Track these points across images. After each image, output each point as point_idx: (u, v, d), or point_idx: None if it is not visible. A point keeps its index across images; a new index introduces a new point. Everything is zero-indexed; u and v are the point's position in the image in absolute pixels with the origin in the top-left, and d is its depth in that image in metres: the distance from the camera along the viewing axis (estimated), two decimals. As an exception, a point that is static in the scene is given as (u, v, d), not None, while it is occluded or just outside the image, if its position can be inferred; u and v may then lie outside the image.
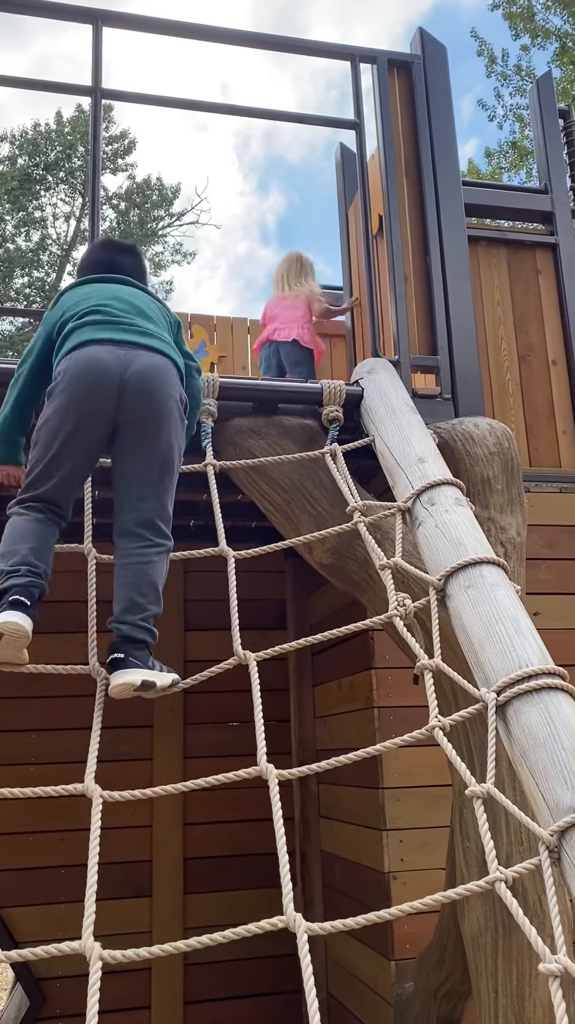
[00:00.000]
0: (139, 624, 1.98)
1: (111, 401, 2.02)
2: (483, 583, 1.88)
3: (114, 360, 2.04)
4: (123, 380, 2.02)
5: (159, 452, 2.06)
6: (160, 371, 2.09)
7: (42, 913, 4.01)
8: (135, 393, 2.03)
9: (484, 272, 3.80)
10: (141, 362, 2.06)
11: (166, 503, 2.09)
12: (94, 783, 1.63)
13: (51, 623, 4.09)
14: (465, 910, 2.36)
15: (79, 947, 1.28)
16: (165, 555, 2.07)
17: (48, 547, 2.02)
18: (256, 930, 1.34)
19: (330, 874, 4.03)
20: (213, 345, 5.16)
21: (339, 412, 2.69)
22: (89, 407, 2.02)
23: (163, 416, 2.06)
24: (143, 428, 2.05)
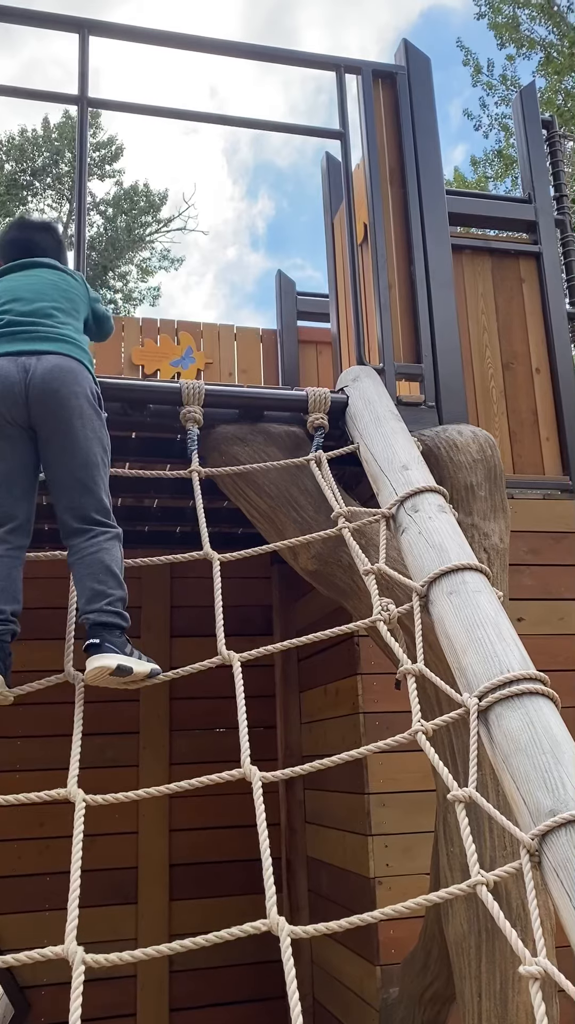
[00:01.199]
0: (105, 609, 2.01)
1: (20, 409, 2.07)
2: (465, 589, 1.90)
3: (16, 369, 2.09)
4: (26, 386, 2.08)
5: (79, 449, 2.10)
6: (62, 371, 2.12)
7: (27, 920, 4.00)
8: (40, 397, 2.08)
9: (468, 280, 3.83)
10: (42, 366, 2.11)
11: (100, 495, 2.13)
12: (77, 787, 1.64)
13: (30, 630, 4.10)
14: (449, 914, 2.37)
15: (62, 951, 1.29)
16: (115, 540, 2.11)
17: (12, 581, 2.04)
18: (239, 933, 1.34)
19: (316, 880, 4.03)
20: (200, 352, 5.18)
21: (324, 419, 2.71)
22: (3, 421, 2.08)
23: (72, 414, 2.10)
24: (56, 430, 2.10)
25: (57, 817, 3.92)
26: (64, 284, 2.36)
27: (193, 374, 5.10)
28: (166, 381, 4.19)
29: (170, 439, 2.84)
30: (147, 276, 24.76)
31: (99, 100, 3.02)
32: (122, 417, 2.62)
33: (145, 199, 24.25)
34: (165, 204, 24.60)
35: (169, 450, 2.88)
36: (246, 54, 3.20)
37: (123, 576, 2.09)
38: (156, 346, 5.13)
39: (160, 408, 2.67)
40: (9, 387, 2.07)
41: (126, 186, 24.22)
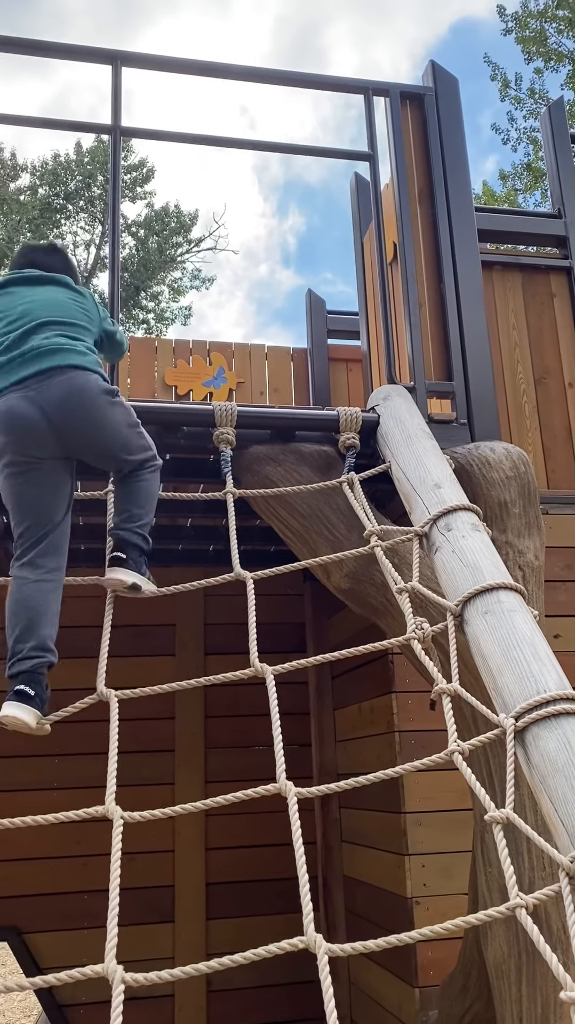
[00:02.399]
0: (135, 531, 2.24)
1: (48, 442, 2.15)
2: (500, 608, 1.89)
3: (33, 408, 2.13)
4: (49, 422, 2.13)
5: (113, 442, 2.25)
6: (76, 389, 2.17)
7: (66, 939, 4.02)
8: (66, 426, 2.16)
9: (499, 296, 3.83)
10: (54, 394, 2.15)
11: (138, 451, 2.29)
12: (114, 804, 1.65)
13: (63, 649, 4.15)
14: (488, 936, 2.35)
15: (101, 970, 1.29)
16: (155, 473, 2.33)
17: (50, 609, 2.11)
18: (277, 950, 1.34)
19: (352, 899, 4.01)
20: (231, 371, 5.22)
21: (355, 439, 2.72)
22: (32, 458, 2.15)
23: (100, 421, 2.21)
24: (90, 441, 2.23)
25: (94, 835, 3.94)
26: (72, 301, 2.37)
27: (225, 393, 5.15)
28: (199, 404, 4.23)
29: (203, 459, 2.87)
30: (178, 296, 25.02)
31: (132, 129, 3.08)
32: (157, 439, 2.65)
33: (176, 220, 24.55)
34: (196, 224, 24.89)
35: (202, 470, 2.91)
36: (277, 80, 3.25)
37: (155, 502, 2.32)
38: (188, 367, 5.19)
39: (194, 430, 2.70)
40: (33, 428, 2.12)
41: (157, 207, 24.55)
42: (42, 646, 2.06)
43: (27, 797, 4.08)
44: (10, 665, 2.04)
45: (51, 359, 2.17)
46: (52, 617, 2.11)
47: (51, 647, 2.08)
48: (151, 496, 2.31)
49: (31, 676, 2.02)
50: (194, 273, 25.03)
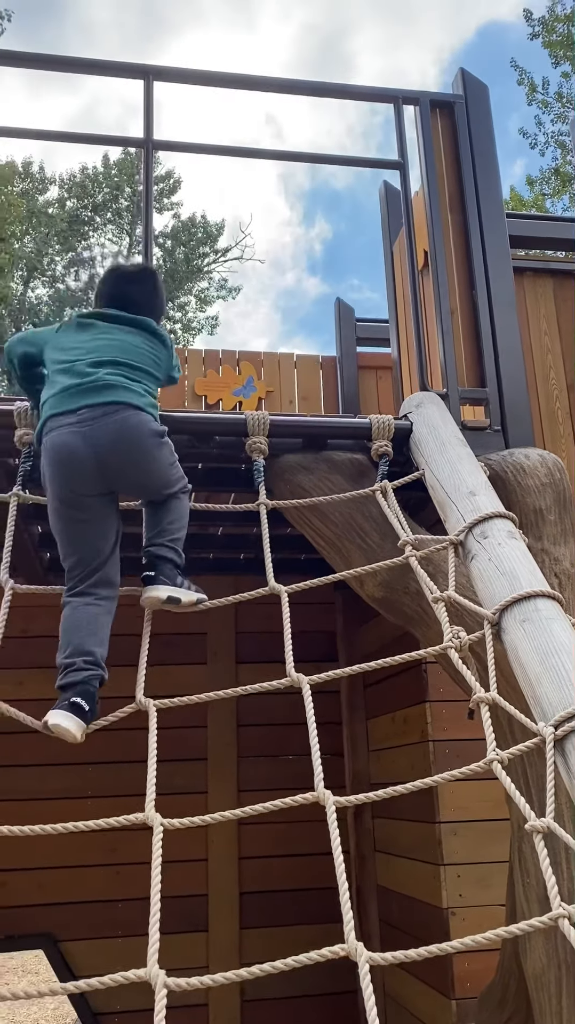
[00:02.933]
0: (168, 545, 2.26)
1: (94, 480, 2.18)
2: (538, 616, 1.88)
3: (82, 445, 2.15)
4: (97, 459, 2.16)
5: (156, 481, 2.29)
6: (128, 429, 2.19)
7: (100, 947, 4.04)
8: (113, 466, 2.19)
9: (530, 302, 3.81)
10: (105, 432, 2.16)
11: (175, 481, 2.33)
12: (154, 812, 1.64)
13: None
14: (527, 947, 2.32)
15: (144, 975, 1.29)
16: (186, 494, 2.37)
17: (101, 630, 2.13)
18: (318, 958, 1.33)
19: (387, 909, 3.98)
20: (260, 381, 5.24)
21: (388, 446, 2.72)
22: (76, 494, 2.18)
23: (147, 464, 2.25)
24: (135, 481, 2.28)
25: (128, 843, 3.96)
26: (147, 348, 2.38)
27: (254, 402, 5.17)
28: (231, 413, 4.25)
29: (235, 468, 2.88)
30: (205, 306, 25.18)
31: (164, 142, 3.11)
32: (189, 449, 2.67)
33: (203, 230, 24.73)
34: (222, 234, 25.05)
35: (234, 479, 2.92)
36: (306, 91, 3.27)
37: (187, 521, 2.35)
38: (218, 376, 5.22)
39: (226, 439, 2.71)
40: (79, 464, 2.15)
41: (184, 218, 24.74)
42: (95, 661, 2.06)
43: (60, 805, 4.10)
44: (61, 676, 2.05)
45: (109, 394, 2.20)
46: (103, 638, 2.12)
47: (102, 664, 2.08)
48: (182, 514, 2.33)
49: (85, 689, 2.01)
50: (220, 283, 25.19)
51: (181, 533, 2.31)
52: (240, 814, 1.70)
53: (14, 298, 22.22)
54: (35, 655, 4.27)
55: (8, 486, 2.57)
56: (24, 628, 4.23)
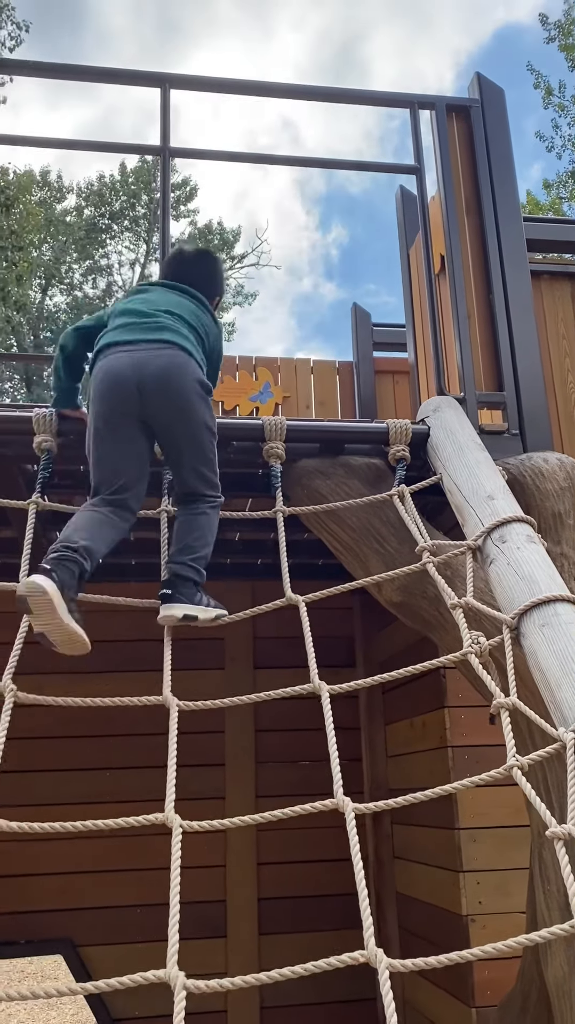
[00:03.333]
0: (188, 564, 2.27)
1: (133, 404, 2.26)
2: (558, 621, 1.87)
3: (129, 367, 2.26)
4: (140, 384, 2.25)
5: (190, 436, 2.32)
6: (176, 366, 2.29)
7: (119, 952, 4.04)
8: (154, 395, 2.26)
9: (548, 306, 3.79)
10: (156, 364, 2.27)
11: (207, 472, 2.36)
12: (174, 813, 1.64)
13: (123, 662, 4.19)
14: (548, 955, 2.30)
15: (163, 976, 1.29)
16: (216, 508, 2.39)
17: (100, 534, 2.15)
18: (337, 963, 1.33)
19: (406, 916, 3.96)
20: (277, 386, 5.25)
21: (406, 451, 2.71)
22: (115, 413, 2.26)
23: (185, 407, 2.29)
24: (170, 422, 2.30)
25: (147, 848, 3.97)
26: (199, 312, 2.50)
27: (271, 408, 5.18)
28: (248, 418, 4.26)
29: (252, 473, 2.88)
30: (222, 312, 25.25)
31: (180, 150, 3.13)
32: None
33: (219, 237, 24.81)
34: (238, 241, 25.13)
35: (251, 484, 2.92)
36: (322, 97, 3.27)
37: (213, 537, 2.35)
38: (235, 382, 5.23)
39: (243, 444, 2.72)
40: (123, 383, 2.25)
41: (200, 225, 24.84)
42: (75, 548, 2.04)
43: (80, 810, 4.11)
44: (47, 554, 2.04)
45: (166, 334, 2.33)
46: (98, 537, 2.13)
47: (84, 554, 2.05)
48: (209, 530, 2.35)
49: (56, 561, 1.99)
50: (237, 289, 25.25)
51: (205, 551, 2.32)
52: (259, 819, 1.69)
53: (33, 306, 22.38)
54: (55, 661, 4.30)
55: (27, 492, 2.59)
56: (43, 633, 4.25)
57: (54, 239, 23.34)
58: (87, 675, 4.22)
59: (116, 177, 24.27)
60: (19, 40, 15.68)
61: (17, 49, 15.22)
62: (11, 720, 1.83)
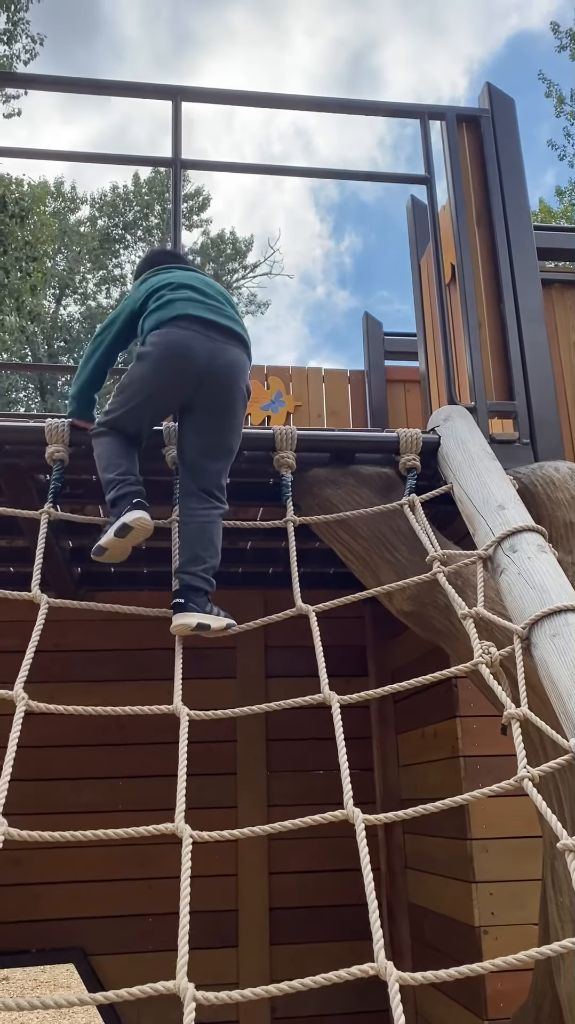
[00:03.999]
0: (199, 575, 2.34)
1: (191, 387, 2.36)
2: (569, 631, 1.86)
3: (203, 350, 2.34)
4: (207, 371, 2.34)
5: (224, 435, 2.43)
6: (239, 368, 2.41)
7: (130, 961, 4.04)
8: (214, 386, 2.36)
9: (559, 314, 3.79)
10: (226, 358, 2.37)
11: (224, 474, 2.46)
12: (184, 823, 1.63)
13: (136, 671, 4.20)
14: (561, 968, 2.28)
15: (173, 987, 1.28)
16: (222, 516, 2.45)
17: (136, 459, 2.42)
18: (347, 976, 1.33)
19: (418, 927, 3.94)
20: (289, 395, 5.26)
21: (416, 460, 2.71)
22: (169, 385, 2.37)
23: (232, 409, 2.40)
24: (214, 414, 2.40)
25: (158, 857, 3.97)
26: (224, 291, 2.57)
27: (283, 417, 5.19)
28: (259, 428, 4.26)
29: (263, 483, 2.89)
30: (234, 321, 25.30)
31: (192, 161, 3.15)
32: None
33: (232, 246, 24.91)
34: (251, 250, 25.22)
35: (262, 493, 2.94)
36: (334, 108, 3.29)
37: (220, 545, 2.43)
38: (247, 391, 5.24)
39: (254, 454, 2.72)
40: (191, 366, 2.34)
41: (213, 235, 24.96)
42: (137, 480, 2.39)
43: (92, 819, 4.11)
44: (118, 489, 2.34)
45: (238, 326, 2.43)
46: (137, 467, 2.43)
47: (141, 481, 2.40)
48: (218, 538, 2.41)
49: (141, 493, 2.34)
50: (250, 298, 25.34)
51: (214, 561, 2.38)
52: (270, 830, 1.69)
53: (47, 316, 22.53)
54: (67, 669, 4.32)
55: (39, 502, 2.61)
56: (56, 643, 4.27)
57: (68, 249, 23.51)
58: (100, 683, 4.24)
59: (130, 188, 24.44)
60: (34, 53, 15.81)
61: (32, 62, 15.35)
62: (25, 728, 1.84)
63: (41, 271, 17.51)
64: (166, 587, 2.48)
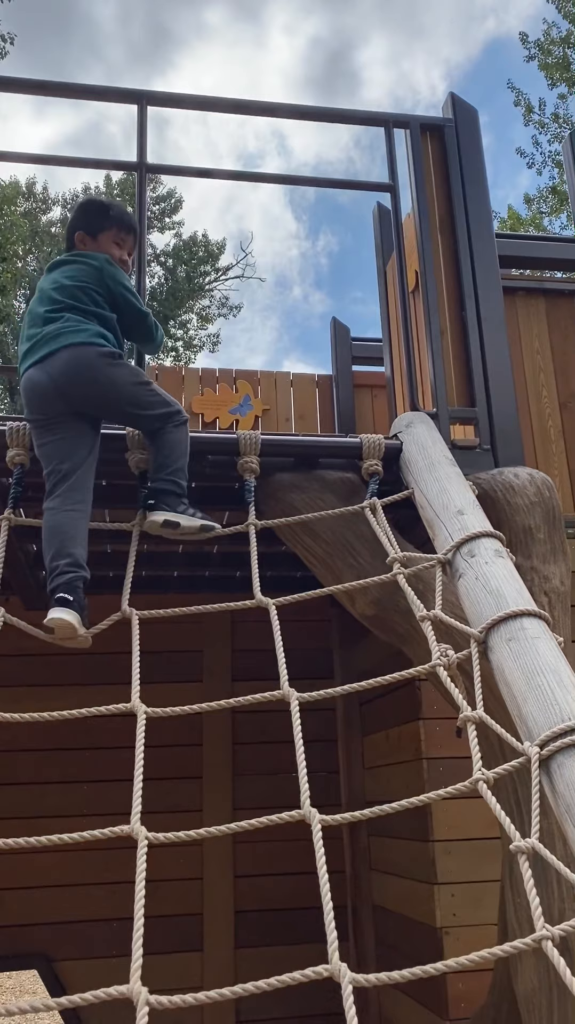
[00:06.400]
0: (165, 478, 2.47)
1: (57, 403, 2.45)
2: (524, 635, 1.89)
3: (41, 374, 2.46)
4: (54, 383, 2.44)
5: (117, 396, 2.48)
6: (72, 359, 2.45)
7: (94, 966, 4.02)
8: (67, 385, 2.44)
9: (523, 321, 3.84)
10: (58, 364, 2.45)
11: (154, 408, 2.52)
12: (139, 825, 1.63)
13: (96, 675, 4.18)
14: (518, 969, 2.32)
15: (126, 991, 1.28)
16: (180, 426, 2.54)
17: (79, 533, 2.37)
18: (301, 978, 1.33)
19: (383, 929, 3.97)
20: (257, 399, 5.28)
21: (378, 466, 2.74)
22: (48, 415, 2.46)
23: (95, 380, 2.45)
24: (92, 399, 2.48)
25: (122, 861, 3.93)
26: (71, 282, 2.58)
27: (251, 421, 5.20)
28: (224, 432, 4.27)
29: (228, 487, 2.90)
30: (206, 324, 25.30)
31: (157, 166, 3.16)
32: (182, 467, 2.68)
33: (204, 249, 24.88)
34: (223, 252, 25.20)
35: (227, 497, 2.94)
36: (297, 115, 3.31)
37: (186, 450, 2.54)
38: (215, 395, 5.25)
39: (219, 459, 2.73)
40: (43, 391, 2.45)
41: (185, 237, 24.90)
42: (76, 563, 2.28)
43: (56, 823, 4.07)
44: (49, 581, 2.27)
45: (55, 343, 2.48)
46: (82, 540, 2.35)
47: (83, 564, 2.31)
48: (176, 445, 2.51)
49: (69, 586, 2.24)
50: (222, 301, 25.32)
51: (180, 463, 2.50)
52: (226, 830, 1.69)
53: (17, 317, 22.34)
54: (33, 673, 4.29)
55: (0, 505, 2.59)
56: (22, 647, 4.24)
57: (39, 250, 23.33)
58: (65, 687, 4.21)
59: (102, 189, 24.31)
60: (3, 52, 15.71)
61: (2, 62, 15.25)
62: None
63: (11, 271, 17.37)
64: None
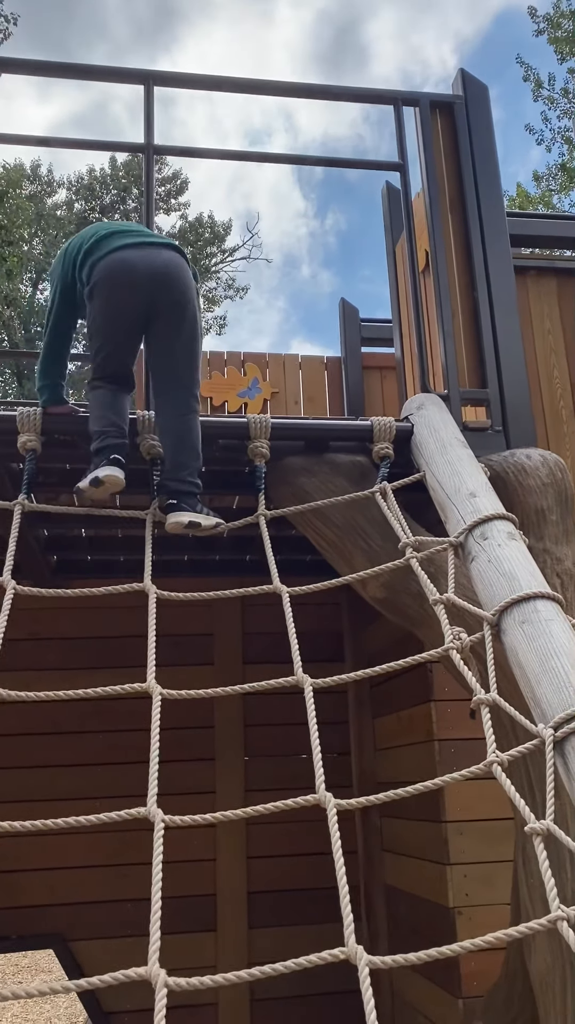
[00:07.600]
0: (185, 480, 2.52)
1: (143, 293, 2.48)
2: (538, 618, 1.88)
3: (140, 259, 2.49)
4: (151, 275, 2.48)
5: (186, 330, 2.54)
6: (176, 265, 2.54)
7: (110, 946, 4.06)
8: (161, 285, 2.49)
9: (534, 301, 3.80)
10: (163, 258, 2.51)
11: (196, 373, 2.60)
12: (156, 807, 1.62)
13: (109, 658, 4.20)
14: (532, 948, 2.33)
15: (145, 973, 1.28)
16: (198, 418, 2.60)
17: (123, 409, 2.55)
18: (318, 960, 1.34)
19: (395, 909, 3.99)
20: (265, 382, 5.25)
21: (389, 448, 2.72)
22: (125, 301, 2.49)
23: (187, 301, 2.53)
24: (172, 312, 2.52)
25: (136, 844, 3.98)
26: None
27: (259, 404, 5.18)
28: (234, 416, 4.25)
29: (238, 471, 2.89)
30: (213, 306, 25.19)
31: (165, 147, 3.13)
32: (192, 451, 2.67)
33: (210, 230, 24.73)
34: (229, 234, 25.05)
35: (237, 482, 2.93)
36: (305, 94, 3.27)
37: (200, 443, 2.58)
38: (223, 378, 5.23)
39: (229, 443, 2.73)
40: (136, 276, 2.48)
41: (191, 219, 24.76)
42: (121, 432, 2.49)
43: (70, 806, 4.10)
44: (98, 441, 2.44)
45: (161, 240, 2.59)
46: (125, 415, 2.54)
47: (125, 434, 2.51)
48: (198, 440, 2.57)
49: (119, 448, 2.44)
50: (228, 282, 25.19)
51: (197, 463, 2.55)
52: (241, 814, 1.69)
53: (23, 300, 22.29)
54: (45, 657, 4.32)
55: (14, 491, 2.60)
56: (33, 631, 4.26)
57: (45, 233, 23.24)
58: (78, 671, 4.23)
59: (107, 171, 24.17)
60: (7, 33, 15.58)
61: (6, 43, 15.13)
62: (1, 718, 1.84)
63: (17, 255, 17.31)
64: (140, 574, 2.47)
